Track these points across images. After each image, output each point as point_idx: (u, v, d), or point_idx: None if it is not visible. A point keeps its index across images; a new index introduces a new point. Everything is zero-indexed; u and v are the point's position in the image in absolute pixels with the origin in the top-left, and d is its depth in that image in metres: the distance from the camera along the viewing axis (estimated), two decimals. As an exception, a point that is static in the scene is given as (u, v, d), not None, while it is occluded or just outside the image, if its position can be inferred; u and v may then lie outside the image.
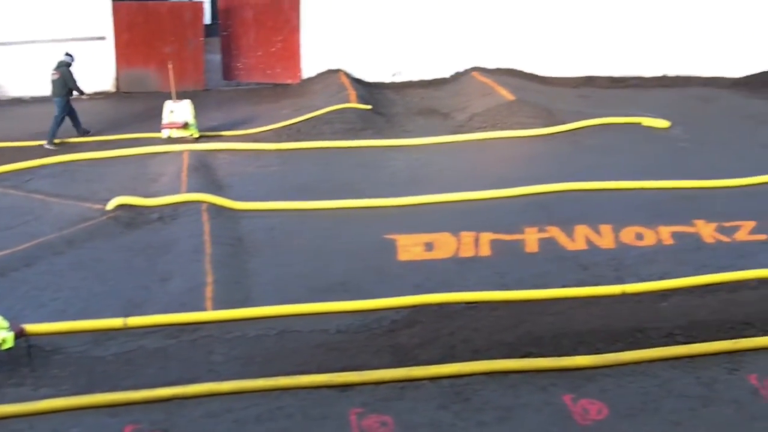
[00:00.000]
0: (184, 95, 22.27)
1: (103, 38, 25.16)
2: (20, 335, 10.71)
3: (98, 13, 25.81)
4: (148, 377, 10.13)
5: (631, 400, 9.93)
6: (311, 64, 27.72)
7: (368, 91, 26.20)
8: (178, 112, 20.97)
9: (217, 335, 11.19)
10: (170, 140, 20.68)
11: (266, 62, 27.58)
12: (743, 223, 16.01)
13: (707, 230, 15.67)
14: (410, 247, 14.51)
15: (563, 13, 29.51)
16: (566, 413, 9.63)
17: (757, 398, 10.03)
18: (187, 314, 11.64)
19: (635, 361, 10.72)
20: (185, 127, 20.89)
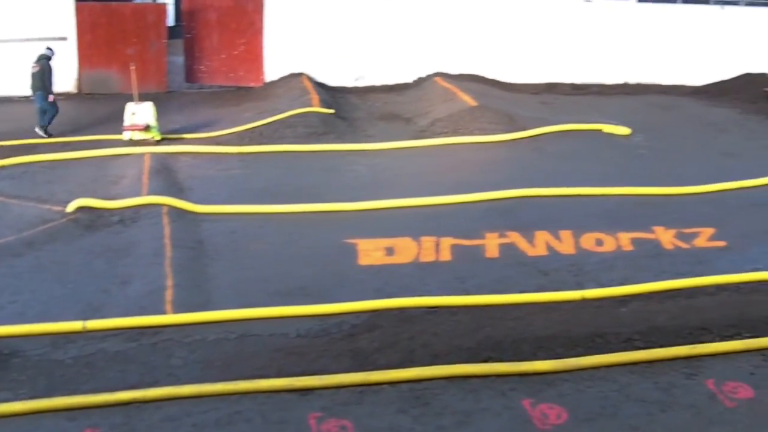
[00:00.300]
0: (146, 97, 22.18)
1: (65, 39, 25.00)
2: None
3: (60, 13, 25.64)
4: (107, 381, 10.08)
5: (590, 404, 10.00)
6: (274, 67, 27.70)
7: (331, 95, 26.23)
8: (139, 114, 20.88)
9: (176, 339, 11.16)
10: (132, 142, 20.57)
11: (229, 65, 27.54)
12: (702, 229, 16.19)
13: (666, 237, 15.82)
14: (371, 251, 14.54)
15: (526, 20, 29.68)
16: (526, 418, 9.68)
17: (714, 403, 10.13)
18: (146, 318, 11.59)
19: (594, 366, 10.79)
20: (147, 129, 20.80)
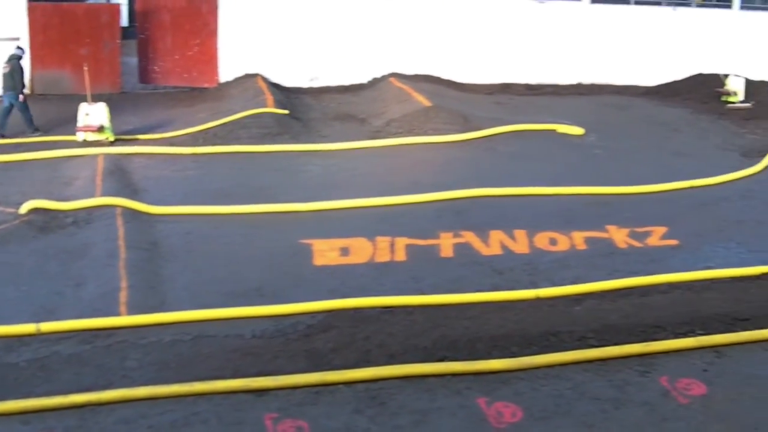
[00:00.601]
0: (99, 98, 22.01)
1: (17, 39, 24.77)
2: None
3: (12, 13, 25.40)
4: (62, 383, 10.01)
5: (544, 402, 10.06)
6: (229, 68, 27.62)
7: (286, 95, 26.19)
8: (93, 115, 20.75)
9: (131, 341, 11.09)
10: (85, 143, 20.43)
11: (183, 66, 27.43)
12: (654, 228, 16.37)
13: (620, 236, 15.97)
14: (326, 252, 14.55)
15: (480, 21, 29.79)
16: (481, 416, 9.72)
17: (667, 400, 10.23)
18: (101, 319, 11.52)
19: (549, 364, 10.87)
20: (101, 130, 20.67)
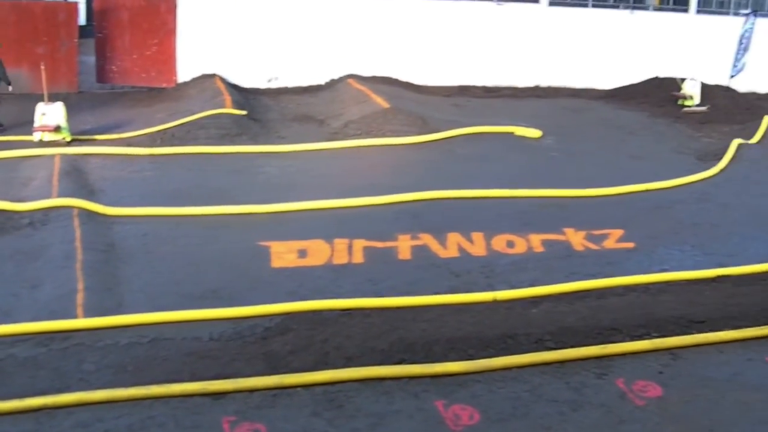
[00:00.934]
0: (56, 97, 21.89)
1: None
2: None
3: (-33, 10, 25.22)
4: (17, 387, 9.90)
5: (502, 405, 10.08)
6: (187, 68, 27.55)
7: (244, 96, 26.16)
8: (50, 114, 20.60)
9: (88, 343, 11.00)
10: (42, 143, 20.28)
11: (141, 65, 27.30)
12: (611, 231, 16.48)
13: (577, 238, 16.05)
14: (284, 254, 14.52)
15: (438, 22, 29.91)
16: (438, 419, 9.74)
17: (624, 402, 10.29)
18: (57, 322, 11.40)
19: (506, 366, 10.88)
20: (57, 130, 20.53)
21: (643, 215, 17.74)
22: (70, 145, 20.36)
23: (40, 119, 20.62)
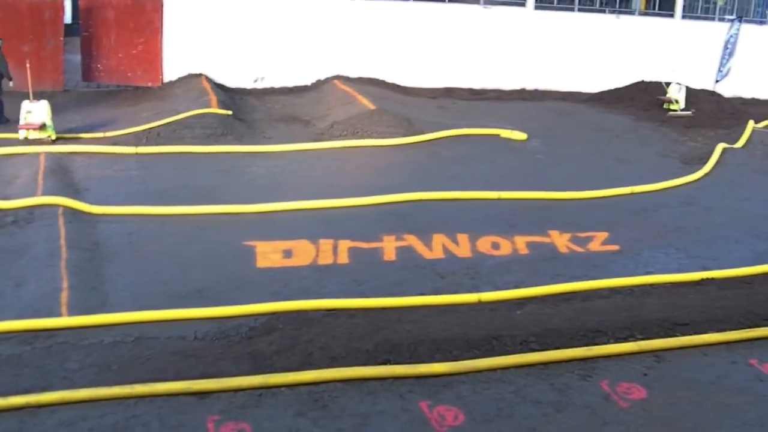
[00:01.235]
0: (42, 96, 21.84)
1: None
2: None
3: (-47, 8, 25.10)
4: (0, 385, 9.86)
5: (486, 406, 10.08)
6: (173, 67, 27.51)
7: (230, 96, 26.16)
8: (35, 112, 20.53)
9: (72, 342, 10.96)
10: (27, 142, 20.21)
11: (127, 64, 27.23)
12: (596, 234, 16.53)
13: (562, 240, 16.09)
14: (269, 254, 14.51)
15: (424, 24, 29.94)
16: (423, 420, 9.73)
17: (608, 403, 10.31)
18: (41, 320, 11.36)
19: (491, 368, 10.89)
20: (42, 128, 20.47)
21: (628, 218, 17.79)
22: (55, 143, 20.30)
23: (25, 117, 20.55)
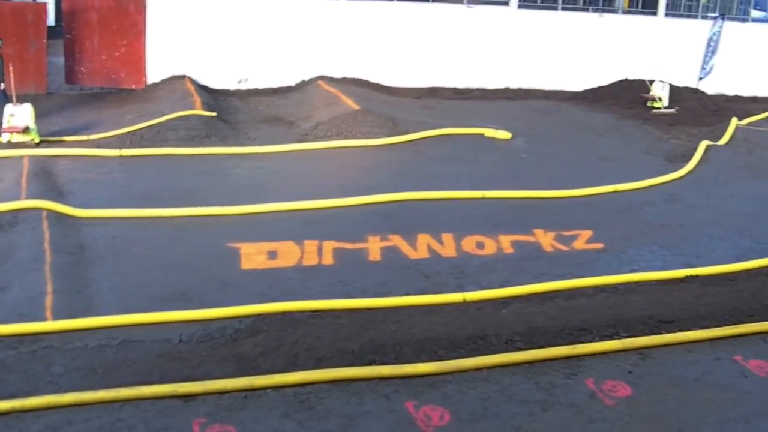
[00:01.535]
0: (25, 98, 21.71)
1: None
2: None
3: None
4: (-15, 390, 9.90)
5: (472, 405, 10.10)
6: (156, 69, 27.45)
7: (213, 98, 26.14)
8: (18, 116, 20.46)
9: (57, 346, 10.92)
10: (10, 145, 20.12)
11: (110, 66, 27.15)
12: (581, 232, 16.56)
13: (546, 239, 16.11)
14: (253, 255, 14.48)
15: (408, 24, 29.95)
16: (409, 420, 9.73)
17: (594, 401, 10.34)
18: (26, 324, 11.31)
19: (476, 367, 10.90)
20: (26, 131, 20.39)
21: (612, 216, 17.84)
22: (38, 146, 20.23)
23: (8, 120, 20.46)
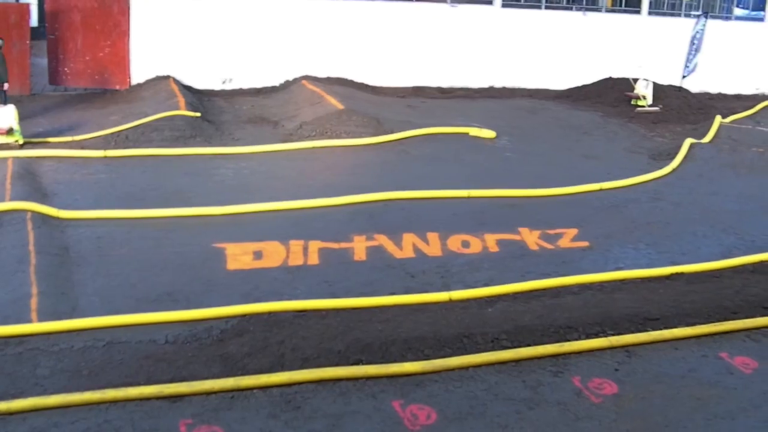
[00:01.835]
0: (8, 100, 21.67)
1: None
2: None
3: None
4: (-29, 393, 9.86)
5: (459, 404, 10.11)
6: (140, 69, 27.39)
7: (198, 98, 26.08)
8: (2, 117, 20.31)
9: (42, 348, 10.89)
10: (-7, 147, 20.12)
11: (94, 67, 27.08)
12: (566, 230, 16.59)
13: (531, 238, 16.14)
14: (239, 255, 14.47)
15: (392, 24, 29.96)
16: (396, 419, 9.75)
17: (580, 399, 10.37)
18: (11, 327, 11.28)
19: (462, 366, 10.92)
20: (9, 133, 20.29)
21: (597, 214, 17.88)
22: (22, 148, 20.14)
23: (-9, 122, 20.41)
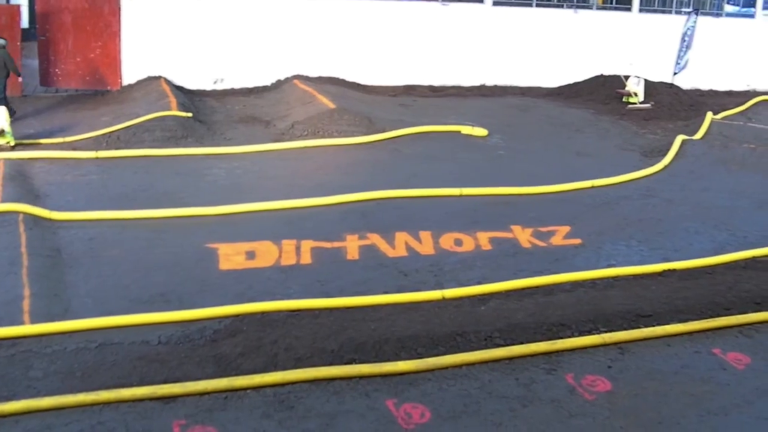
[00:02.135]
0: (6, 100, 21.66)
1: None
2: None
3: None
4: (-37, 396, 9.84)
5: (452, 402, 10.11)
6: (132, 70, 27.33)
7: (189, 98, 26.03)
8: (-7, 119, 20.41)
9: (35, 350, 10.87)
10: (-16, 149, 20.09)
11: (85, 68, 27.02)
12: (558, 228, 16.60)
13: (524, 235, 16.14)
14: (232, 256, 14.46)
15: (383, 22, 29.96)
16: (390, 418, 9.74)
17: (573, 396, 10.38)
18: (3, 329, 11.25)
19: (456, 364, 10.93)
20: (1, 134, 20.25)
21: (589, 212, 17.90)
22: (14, 149, 20.10)
23: (-18, 125, 20.38)
